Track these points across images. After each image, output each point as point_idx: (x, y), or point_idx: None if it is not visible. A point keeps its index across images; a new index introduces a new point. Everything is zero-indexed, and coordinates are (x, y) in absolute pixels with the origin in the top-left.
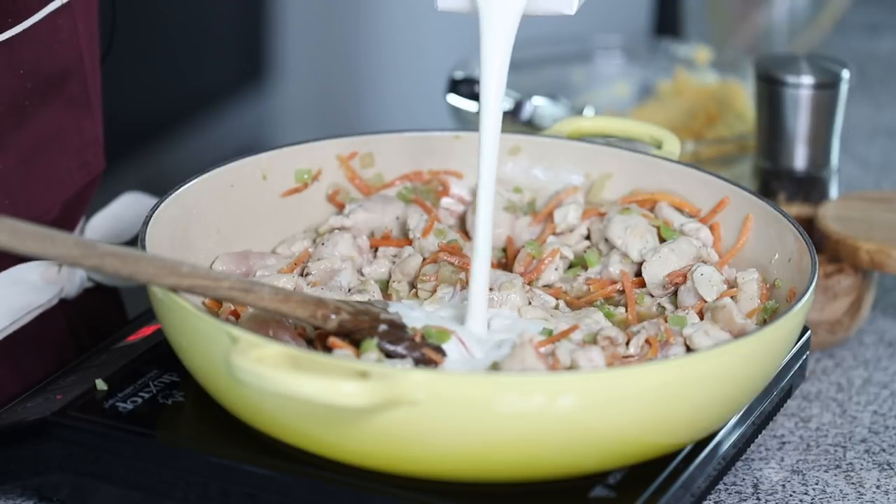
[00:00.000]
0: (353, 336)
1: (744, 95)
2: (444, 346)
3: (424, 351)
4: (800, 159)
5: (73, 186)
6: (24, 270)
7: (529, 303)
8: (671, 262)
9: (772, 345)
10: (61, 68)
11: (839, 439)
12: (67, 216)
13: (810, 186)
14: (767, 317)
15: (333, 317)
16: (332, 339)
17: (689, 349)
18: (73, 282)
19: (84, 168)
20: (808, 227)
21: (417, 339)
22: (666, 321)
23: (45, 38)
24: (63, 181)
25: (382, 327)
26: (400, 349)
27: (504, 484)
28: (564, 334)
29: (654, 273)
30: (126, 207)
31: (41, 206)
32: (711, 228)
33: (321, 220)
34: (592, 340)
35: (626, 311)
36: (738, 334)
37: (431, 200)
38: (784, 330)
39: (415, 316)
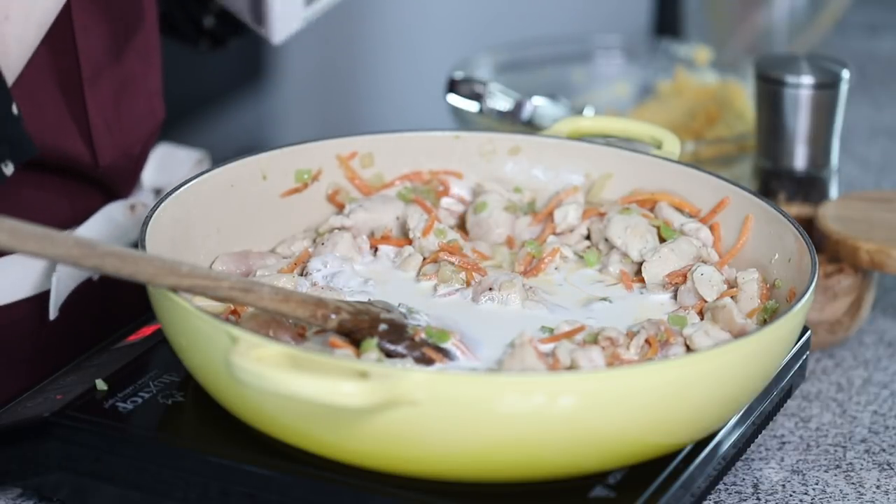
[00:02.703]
0: (354, 336)
1: (744, 95)
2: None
3: (425, 350)
4: (800, 159)
5: (147, 128)
6: (113, 209)
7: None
8: (671, 262)
9: (772, 345)
10: (135, 19)
11: (839, 439)
12: (141, 159)
13: (810, 186)
14: (767, 317)
15: (333, 316)
16: (333, 339)
17: (689, 349)
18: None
19: (151, 115)
20: (808, 227)
21: (417, 338)
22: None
23: None
24: (140, 121)
25: (382, 327)
26: (400, 349)
27: (504, 484)
28: (569, 334)
29: (654, 273)
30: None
31: (129, 139)
32: (711, 228)
33: (321, 220)
34: (593, 340)
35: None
36: (738, 334)
37: (431, 200)
38: (784, 330)
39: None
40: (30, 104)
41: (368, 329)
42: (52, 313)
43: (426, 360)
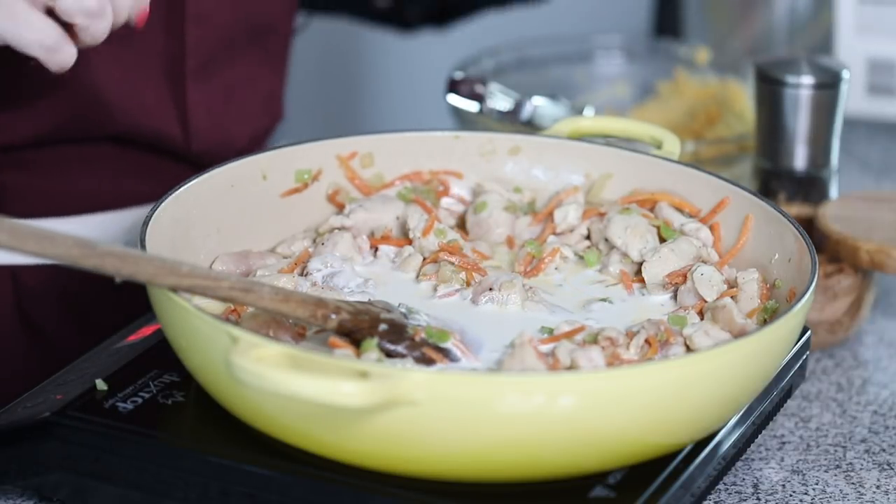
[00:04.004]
0: (354, 336)
1: (744, 95)
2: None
3: (425, 350)
4: (800, 159)
5: (258, 126)
6: None
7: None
8: (671, 262)
9: (772, 345)
10: (268, 22)
11: (839, 439)
12: (249, 150)
13: (810, 186)
14: (767, 317)
15: (333, 316)
16: (333, 339)
17: (688, 349)
18: None
19: (267, 114)
20: (808, 227)
21: (418, 338)
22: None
23: None
24: (251, 119)
25: (382, 327)
26: (400, 349)
27: (504, 484)
28: (569, 335)
29: (654, 273)
30: None
31: (233, 132)
32: (711, 228)
33: (321, 220)
34: (593, 340)
35: None
36: (738, 334)
37: (431, 200)
38: (784, 330)
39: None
40: (130, 82)
41: (368, 329)
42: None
43: (426, 360)
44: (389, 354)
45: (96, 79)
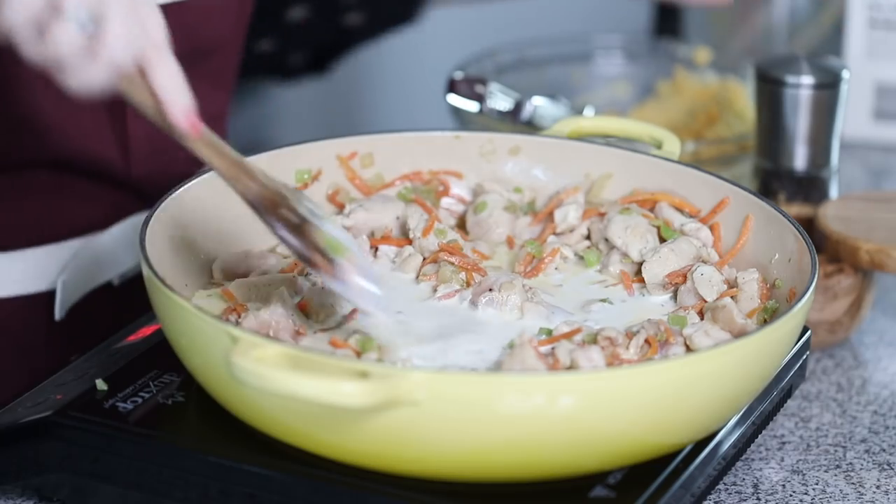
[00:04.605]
0: (260, 213)
1: (744, 95)
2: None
3: (315, 255)
4: (800, 159)
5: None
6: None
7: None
8: (671, 262)
9: (772, 345)
10: (213, 44)
11: (839, 439)
12: (189, 174)
13: (810, 186)
14: (767, 317)
15: (252, 185)
16: (333, 339)
17: (688, 349)
18: None
19: None
20: (808, 227)
21: (313, 240)
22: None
23: (206, 10)
24: None
25: (288, 214)
26: (296, 243)
27: (504, 484)
28: (567, 335)
29: (654, 273)
30: None
31: (175, 157)
32: (711, 228)
33: None
34: (593, 340)
35: None
36: (739, 334)
37: (431, 200)
38: (784, 330)
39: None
40: (67, 105)
41: (274, 209)
42: (58, 314)
43: (311, 263)
44: (287, 243)
45: (32, 100)
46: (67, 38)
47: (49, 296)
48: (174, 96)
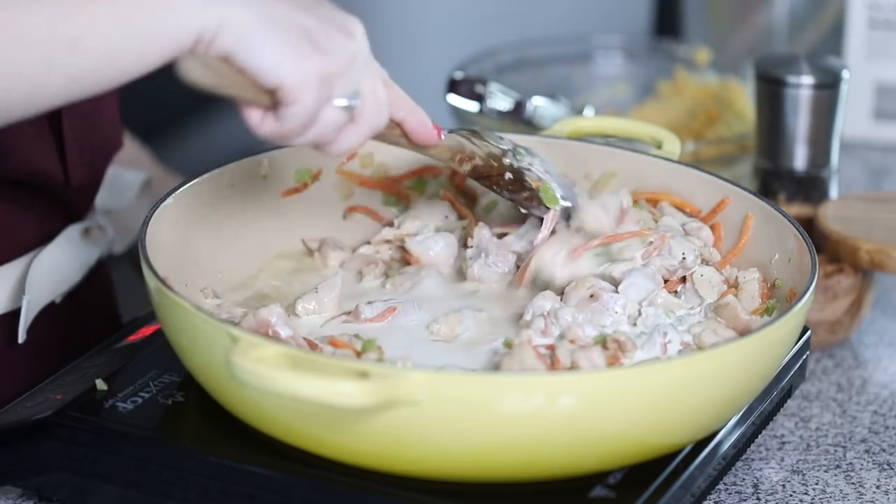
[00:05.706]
0: (482, 181)
1: (744, 95)
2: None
3: (533, 207)
4: (800, 159)
5: (110, 154)
6: (72, 232)
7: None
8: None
9: (772, 345)
10: None
11: (839, 439)
12: (99, 182)
13: (810, 186)
14: (768, 317)
15: (466, 167)
16: (333, 338)
17: (699, 348)
18: (122, 239)
19: (112, 142)
20: (808, 227)
21: (532, 192)
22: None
23: None
24: (105, 147)
25: (508, 176)
26: (518, 198)
27: (504, 484)
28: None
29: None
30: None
31: (97, 162)
32: (712, 228)
33: (321, 220)
34: (602, 342)
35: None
36: (743, 331)
37: (452, 191)
38: (784, 330)
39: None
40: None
41: (496, 178)
42: (21, 336)
43: (528, 209)
44: (513, 200)
45: None
46: (334, 120)
47: (4, 318)
48: (417, 126)
